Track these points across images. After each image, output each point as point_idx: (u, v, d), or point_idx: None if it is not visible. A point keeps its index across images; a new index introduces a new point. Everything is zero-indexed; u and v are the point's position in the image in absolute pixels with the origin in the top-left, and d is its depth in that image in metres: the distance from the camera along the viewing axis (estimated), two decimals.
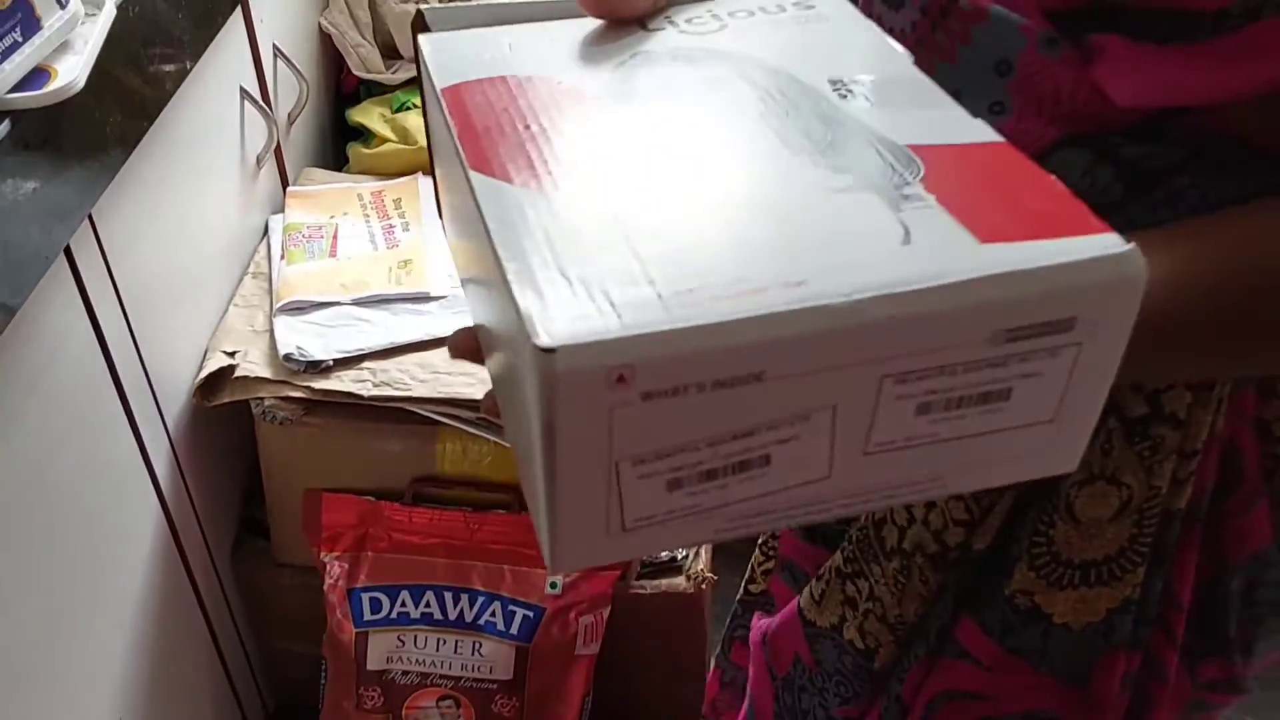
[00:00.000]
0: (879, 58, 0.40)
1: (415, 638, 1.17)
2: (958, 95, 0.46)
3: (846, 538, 0.65)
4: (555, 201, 0.32)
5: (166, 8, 0.93)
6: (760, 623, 0.74)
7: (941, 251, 0.29)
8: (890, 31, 0.49)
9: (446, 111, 0.38)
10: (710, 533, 0.32)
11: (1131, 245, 0.29)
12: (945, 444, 0.32)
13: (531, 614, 1.15)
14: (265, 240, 1.25)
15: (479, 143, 0.35)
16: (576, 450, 0.28)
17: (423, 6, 0.44)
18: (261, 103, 1.21)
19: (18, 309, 0.72)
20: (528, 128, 0.36)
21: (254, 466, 1.19)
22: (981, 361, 0.30)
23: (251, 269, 1.21)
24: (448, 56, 0.42)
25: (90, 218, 0.86)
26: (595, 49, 0.42)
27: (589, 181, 0.33)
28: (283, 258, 1.19)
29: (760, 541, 0.80)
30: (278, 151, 1.30)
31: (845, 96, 0.37)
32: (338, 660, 1.19)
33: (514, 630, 1.16)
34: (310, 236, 1.21)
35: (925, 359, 0.30)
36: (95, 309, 0.88)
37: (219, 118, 1.14)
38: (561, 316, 0.27)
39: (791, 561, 0.74)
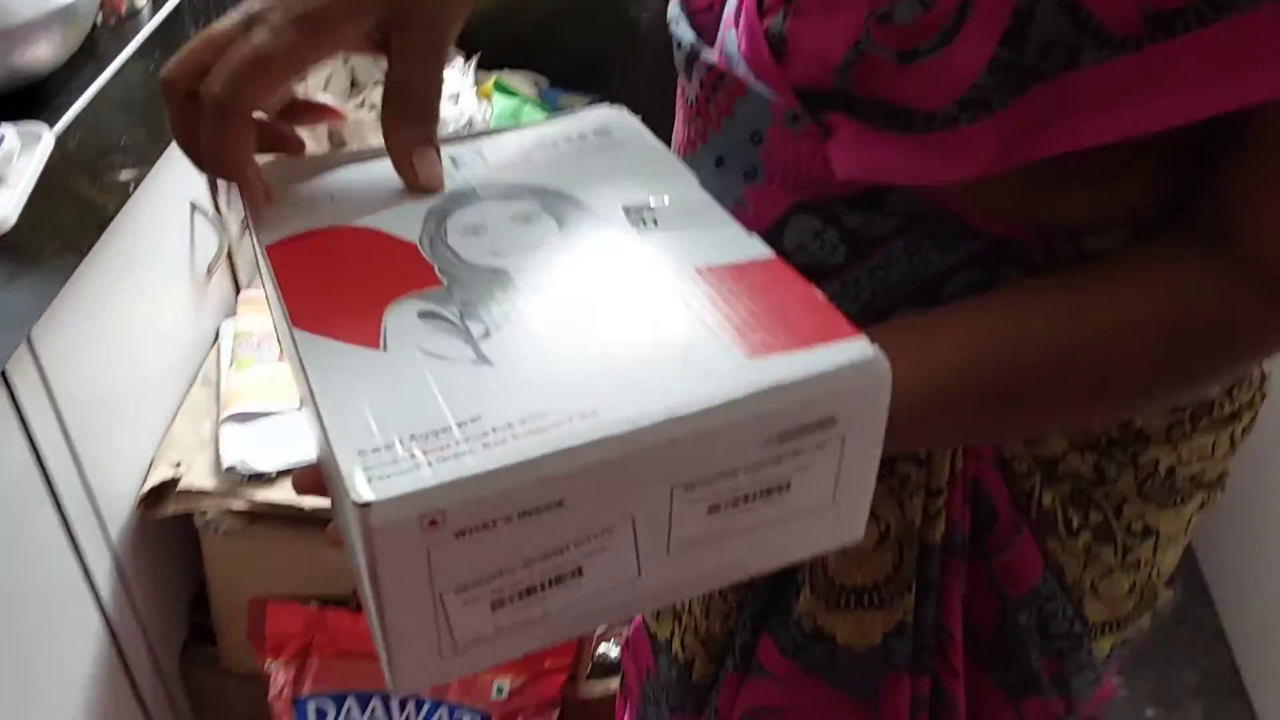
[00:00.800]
0: (670, 180, 0.45)
1: None
2: (721, 161, 0.53)
3: None
4: (368, 356, 0.35)
5: (111, 131, 0.95)
6: (626, 631, 0.79)
7: (714, 371, 0.33)
8: (685, 100, 0.56)
9: (271, 268, 0.40)
10: (538, 640, 0.35)
11: (875, 349, 0.34)
12: (740, 534, 0.36)
13: None
14: (216, 346, 1.27)
15: (301, 299, 0.38)
16: (400, 588, 0.31)
17: None
18: (213, 211, 1.23)
19: None
20: (346, 282, 0.39)
21: (201, 575, 1.19)
22: (759, 463, 0.34)
23: (201, 377, 1.22)
24: (273, 215, 0.43)
25: (27, 336, 0.87)
26: (409, 193, 0.45)
27: (401, 332, 0.36)
28: (232, 365, 1.20)
29: None
30: (230, 257, 1.32)
31: (640, 224, 0.41)
32: None
33: None
34: (260, 343, 1.23)
35: (708, 467, 0.33)
36: (31, 428, 0.89)
37: (167, 230, 1.16)
38: (375, 472, 0.30)
39: None
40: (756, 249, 0.40)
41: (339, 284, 0.39)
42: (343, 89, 1.51)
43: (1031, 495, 0.57)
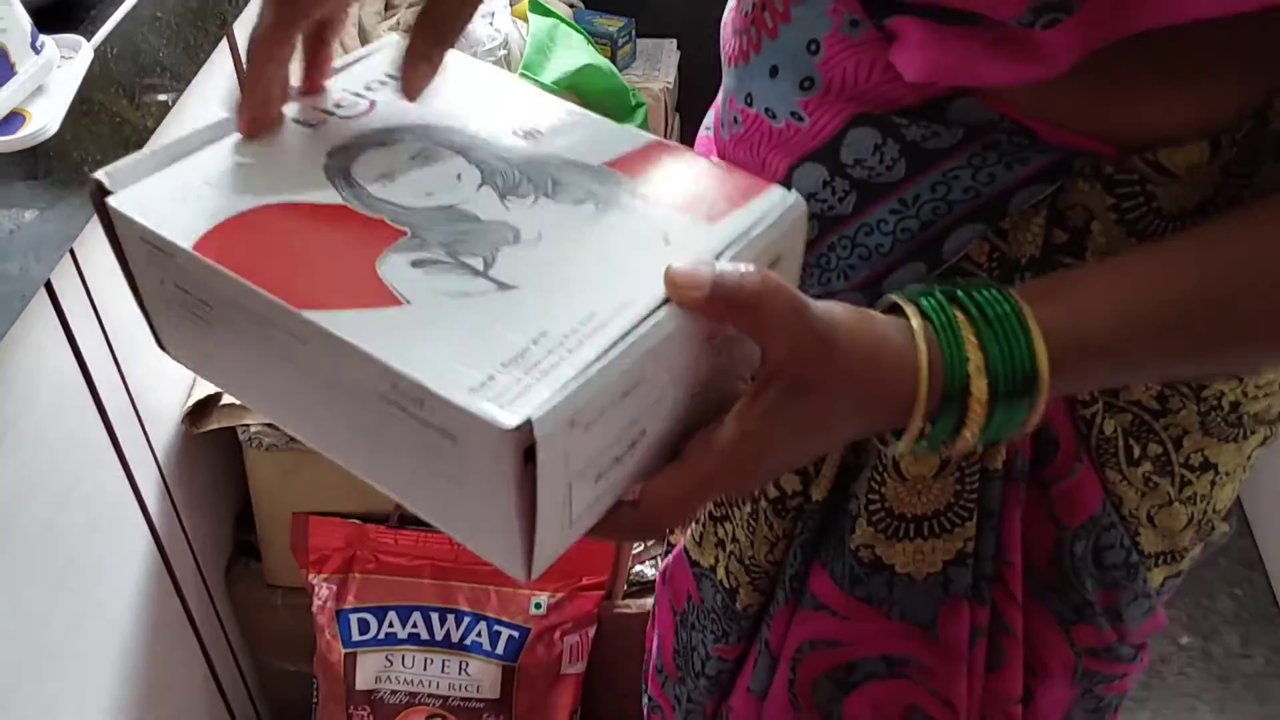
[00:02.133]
0: (517, 93, 0.48)
1: (403, 657, 1.19)
2: (776, 71, 0.53)
3: None
4: (398, 314, 0.36)
5: (148, 46, 0.95)
6: (664, 561, 0.79)
7: (694, 241, 0.39)
8: (740, 9, 0.55)
9: (219, 266, 0.38)
10: (612, 499, 0.40)
11: (795, 195, 0.41)
12: (730, 364, 0.42)
13: (517, 634, 1.17)
14: None
15: (285, 285, 0.37)
16: (548, 488, 0.35)
17: (96, 174, 0.43)
18: None
19: (0, 338, 0.74)
20: (308, 257, 0.39)
21: (245, 490, 1.21)
22: None
23: None
24: (161, 215, 0.41)
25: (71, 250, 0.88)
26: (287, 161, 0.44)
27: (409, 285, 0.37)
28: None
29: None
30: None
31: (527, 137, 0.45)
32: (328, 680, 1.21)
33: (500, 650, 1.17)
34: None
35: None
36: (78, 341, 0.90)
37: None
38: (499, 400, 0.33)
39: None
40: (637, 135, 0.45)
41: (302, 261, 0.39)
42: (377, 9, 1.50)
43: (1092, 423, 0.55)
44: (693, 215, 0.40)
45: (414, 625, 1.18)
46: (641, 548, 1.27)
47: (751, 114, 0.55)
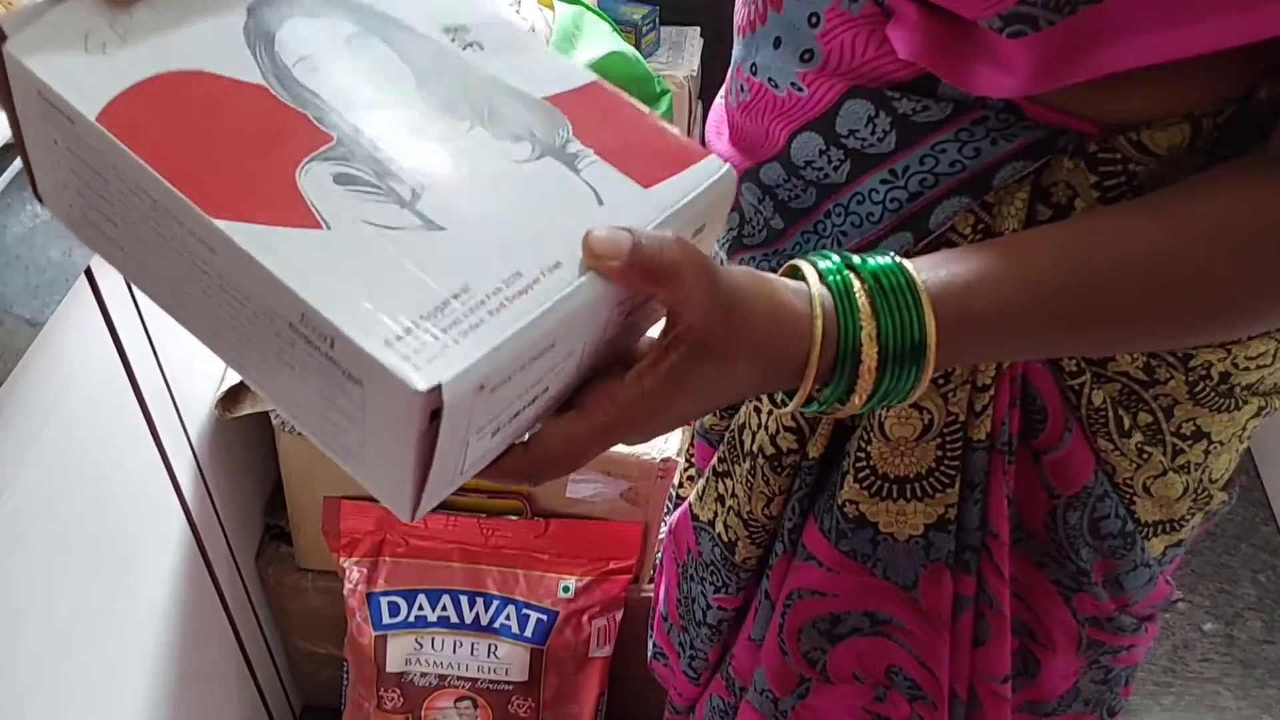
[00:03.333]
0: None
1: (433, 640, 1.20)
2: (779, 42, 0.54)
3: (722, 439, 0.71)
4: (318, 239, 0.35)
5: None
6: (672, 515, 0.81)
7: (626, 206, 0.39)
8: None
9: (125, 147, 0.35)
10: (502, 448, 0.41)
11: (727, 165, 0.41)
12: (636, 318, 0.42)
13: (545, 617, 1.18)
14: None
15: (198, 183, 0.35)
16: (449, 445, 0.35)
17: None
18: None
19: (43, 324, 0.75)
20: (224, 149, 0.36)
21: (277, 474, 1.22)
22: None
23: None
24: (63, 69, 0.36)
25: None
26: (203, 10, 0.39)
27: (331, 205, 0.35)
28: None
29: (686, 450, 0.88)
30: None
31: (466, 48, 0.42)
32: (358, 662, 1.22)
33: (528, 633, 1.19)
34: None
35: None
36: (116, 326, 0.92)
37: None
38: (415, 359, 0.33)
39: (697, 465, 0.82)
40: (581, 72, 0.43)
41: (218, 154, 0.36)
42: None
43: (1081, 393, 0.56)
44: (629, 177, 0.40)
45: (443, 608, 1.19)
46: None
47: (756, 83, 0.57)
